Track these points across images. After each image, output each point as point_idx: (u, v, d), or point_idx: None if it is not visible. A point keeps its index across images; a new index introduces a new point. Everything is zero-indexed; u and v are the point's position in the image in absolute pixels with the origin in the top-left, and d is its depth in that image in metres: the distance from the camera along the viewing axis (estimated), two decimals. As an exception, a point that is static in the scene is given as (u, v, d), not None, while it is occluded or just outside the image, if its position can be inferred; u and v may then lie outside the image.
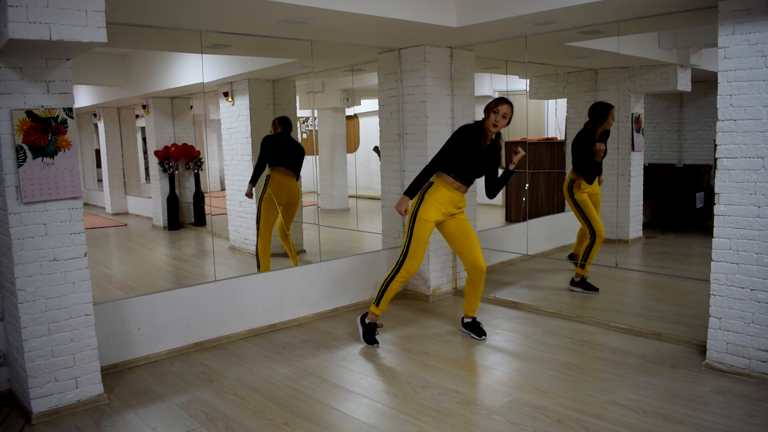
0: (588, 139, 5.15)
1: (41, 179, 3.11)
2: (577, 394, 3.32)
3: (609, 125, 5.19)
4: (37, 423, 3.18)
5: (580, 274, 5.36)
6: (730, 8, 3.35)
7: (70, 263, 3.24)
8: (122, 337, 3.91)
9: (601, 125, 5.15)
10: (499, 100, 3.99)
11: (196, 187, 9.36)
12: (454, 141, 4.03)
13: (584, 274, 5.35)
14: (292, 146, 5.81)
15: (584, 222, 5.28)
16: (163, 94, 8.62)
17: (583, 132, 5.23)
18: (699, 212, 7.98)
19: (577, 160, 5.24)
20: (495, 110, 3.96)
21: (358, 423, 3.11)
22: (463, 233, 4.16)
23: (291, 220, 5.97)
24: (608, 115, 5.12)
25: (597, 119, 5.14)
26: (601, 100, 5.26)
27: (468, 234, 4.16)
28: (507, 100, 4.00)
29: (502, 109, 3.95)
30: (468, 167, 4.05)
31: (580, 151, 5.21)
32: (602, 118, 5.12)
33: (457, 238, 4.17)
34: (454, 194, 4.08)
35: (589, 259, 5.27)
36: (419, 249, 4.06)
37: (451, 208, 4.10)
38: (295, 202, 5.94)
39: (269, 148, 5.70)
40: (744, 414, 3.04)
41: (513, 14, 4.05)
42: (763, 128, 3.30)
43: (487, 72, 8.37)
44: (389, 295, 4.16)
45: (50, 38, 2.70)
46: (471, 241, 4.16)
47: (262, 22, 4.02)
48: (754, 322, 3.41)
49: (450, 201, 4.07)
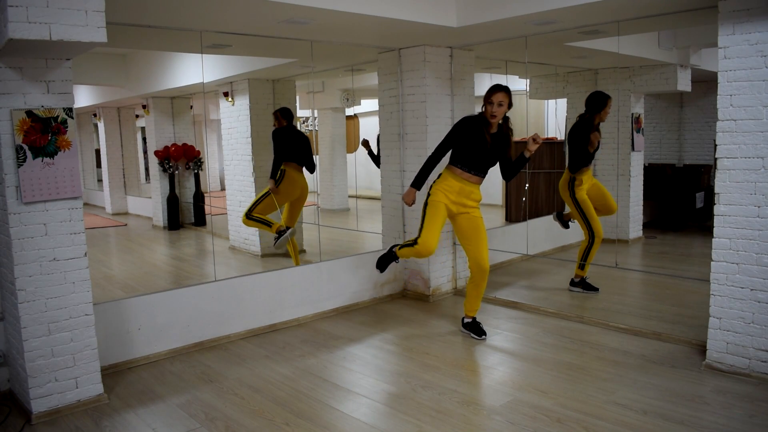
0: (585, 127, 5.04)
1: (41, 179, 3.11)
2: (577, 394, 3.32)
3: (605, 115, 5.08)
4: (37, 423, 3.18)
5: (579, 274, 5.36)
6: (730, 8, 3.35)
7: (70, 263, 3.24)
8: (122, 337, 3.91)
9: (599, 113, 5.03)
10: (492, 89, 3.98)
11: (196, 187, 9.36)
12: (454, 132, 4.07)
13: (583, 274, 5.35)
14: (299, 140, 5.85)
15: (583, 222, 5.24)
16: (163, 94, 8.62)
17: (581, 121, 5.12)
18: (699, 212, 7.98)
19: (571, 150, 5.16)
20: (489, 101, 3.96)
21: (358, 423, 3.11)
22: (474, 230, 4.17)
23: (297, 216, 6.03)
24: (606, 105, 5.02)
25: (594, 108, 5.03)
26: (600, 90, 5.23)
27: (478, 232, 4.17)
28: (501, 87, 3.98)
29: (496, 99, 3.95)
30: (473, 157, 4.06)
31: (575, 139, 5.11)
32: (600, 107, 5.02)
33: (467, 234, 4.19)
34: (464, 185, 4.09)
35: (588, 259, 5.26)
36: (432, 227, 4.08)
37: (462, 199, 4.11)
38: (304, 198, 6.01)
39: (279, 142, 5.75)
40: (744, 414, 3.04)
41: (513, 14, 4.05)
42: (763, 128, 3.30)
43: (487, 72, 8.36)
44: (405, 253, 4.27)
45: (50, 38, 2.70)
46: (480, 239, 4.17)
47: (262, 22, 4.02)
48: (754, 322, 3.41)
49: (460, 191, 4.09)
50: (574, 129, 5.17)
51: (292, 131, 5.87)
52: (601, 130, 5.24)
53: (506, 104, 3.99)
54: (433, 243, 4.08)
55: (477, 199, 4.19)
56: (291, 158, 5.78)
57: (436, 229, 4.09)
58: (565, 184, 5.28)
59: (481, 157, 4.08)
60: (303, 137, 5.93)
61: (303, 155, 5.87)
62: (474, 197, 4.16)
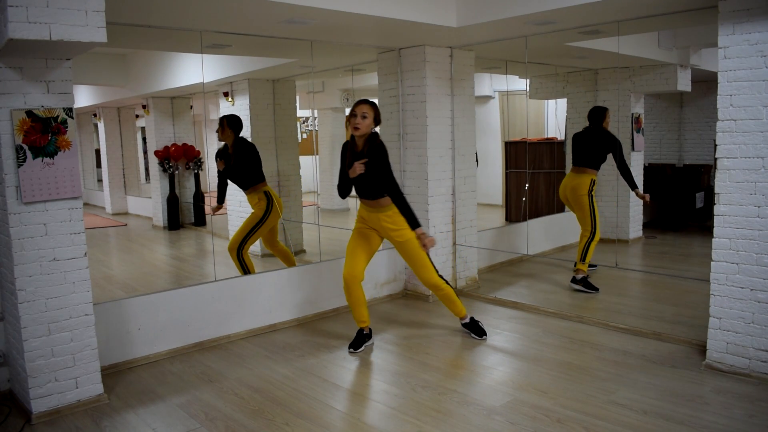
0: (602, 131, 5.46)
1: (41, 179, 3.11)
2: (577, 394, 3.32)
3: (607, 125, 5.54)
4: (37, 423, 3.18)
5: (580, 269, 5.38)
6: (730, 8, 3.35)
7: (70, 263, 3.24)
8: (122, 337, 3.91)
9: (601, 124, 5.51)
10: (356, 102, 3.86)
11: (196, 187, 9.35)
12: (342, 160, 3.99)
13: (584, 269, 5.37)
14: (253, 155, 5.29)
15: (591, 221, 5.42)
16: (163, 94, 8.62)
17: (599, 130, 5.49)
18: (699, 212, 7.98)
19: (599, 156, 5.47)
20: (353, 113, 3.82)
21: (358, 423, 3.11)
22: (404, 254, 4.09)
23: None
24: (605, 116, 5.48)
25: (597, 120, 5.50)
26: (597, 105, 5.85)
27: (408, 255, 4.05)
28: (365, 100, 3.85)
29: (359, 110, 3.80)
30: (351, 182, 3.94)
31: (599, 143, 5.44)
32: (601, 119, 5.48)
33: (403, 256, 4.13)
34: (366, 211, 4.03)
35: (589, 254, 5.36)
36: (347, 252, 4.09)
37: (373, 225, 4.03)
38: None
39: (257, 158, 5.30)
40: (744, 414, 3.04)
41: (513, 14, 4.05)
42: (763, 128, 3.30)
43: (487, 72, 8.38)
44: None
45: (50, 38, 2.70)
46: (413, 261, 4.05)
47: (262, 22, 4.02)
48: (754, 322, 3.41)
49: (367, 218, 4.04)
50: (592, 134, 5.51)
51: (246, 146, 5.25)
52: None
53: (371, 117, 3.80)
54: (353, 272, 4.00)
55: (391, 223, 3.94)
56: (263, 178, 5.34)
57: (353, 254, 4.05)
58: (586, 185, 5.46)
59: (354, 180, 3.91)
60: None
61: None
62: (385, 223, 3.95)
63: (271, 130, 6.79)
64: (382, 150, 3.83)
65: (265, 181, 5.34)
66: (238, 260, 5.26)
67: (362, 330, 4.18)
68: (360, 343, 4.13)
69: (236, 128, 5.18)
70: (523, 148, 7.96)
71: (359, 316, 4.14)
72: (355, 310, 4.13)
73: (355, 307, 4.13)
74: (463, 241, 5.55)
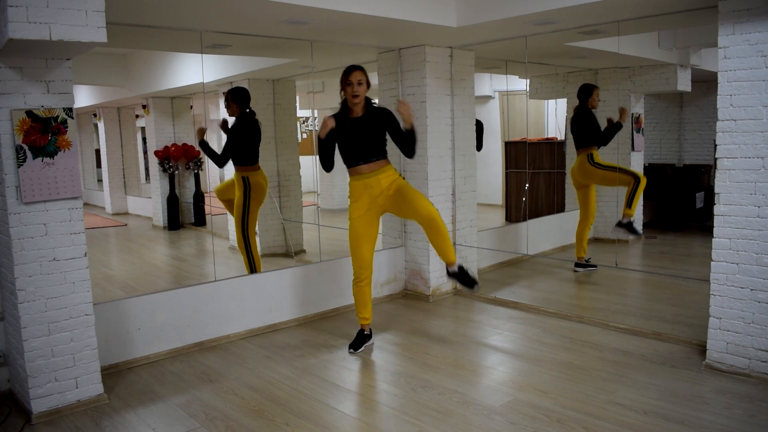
0: (587, 112, 5.68)
1: (41, 179, 3.11)
2: (577, 394, 3.32)
3: (595, 102, 5.74)
4: (37, 423, 3.18)
5: (627, 214, 5.53)
6: (730, 8, 3.35)
7: (70, 263, 3.24)
8: (122, 337, 3.91)
9: (587, 101, 5.72)
10: (347, 70, 3.77)
11: (196, 187, 9.35)
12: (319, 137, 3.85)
13: (631, 214, 5.51)
14: (257, 132, 5.08)
15: (623, 173, 5.56)
16: (163, 94, 8.62)
17: (580, 110, 5.70)
18: (699, 212, 7.98)
19: (588, 135, 5.65)
20: (348, 82, 3.76)
21: (358, 423, 3.11)
22: (402, 199, 3.87)
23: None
24: (592, 93, 5.67)
25: (584, 96, 5.72)
26: (587, 82, 5.95)
27: (408, 197, 3.86)
28: (354, 66, 3.79)
29: (354, 78, 3.74)
30: (348, 150, 3.88)
31: (587, 126, 5.63)
32: (587, 95, 5.70)
33: (402, 208, 3.94)
34: (364, 180, 3.90)
35: (635, 200, 5.50)
36: (353, 248, 4.02)
37: (374, 192, 3.90)
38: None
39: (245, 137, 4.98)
40: (744, 414, 3.04)
41: (513, 14, 4.05)
42: (763, 128, 3.30)
43: (487, 72, 8.37)
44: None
45: (50, 38, 2.70)
46: (413, 199, 3.84)
47: (262, 22, 4.02)
48: (754, 322, 3.41)
49: (366, 188, 3.92)
50: (578, 116, 5.72)
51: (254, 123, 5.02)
52: (600, 126, 5.81)
53: (365, 82, 3.78)
54: (364, 265, 3.98)
55: (391, 175, 3.91)
56: (257, 159, 5.19)
57: (360, 249, 3.98)
58: (584, 162, 5.67)
59: (355, 144, 3.84)
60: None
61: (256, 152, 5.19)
62: (385, 181, 3.88)
63: (271, 130, 6.79)
64: (387, 110, 3.92)
65: (252, 165, 5.13)
66: (246, 253, 5.21)
67: (363, 330, 4.18)
68: (360, 343, 4.13)
69: (241, 102, 4.98)
70: (523, 148, 7.96)
71: (363, 313, 4.14)
72: (361, 306, 4.13)
73: (360, 304, 4.13)
74: (463, 241, 5.55)
